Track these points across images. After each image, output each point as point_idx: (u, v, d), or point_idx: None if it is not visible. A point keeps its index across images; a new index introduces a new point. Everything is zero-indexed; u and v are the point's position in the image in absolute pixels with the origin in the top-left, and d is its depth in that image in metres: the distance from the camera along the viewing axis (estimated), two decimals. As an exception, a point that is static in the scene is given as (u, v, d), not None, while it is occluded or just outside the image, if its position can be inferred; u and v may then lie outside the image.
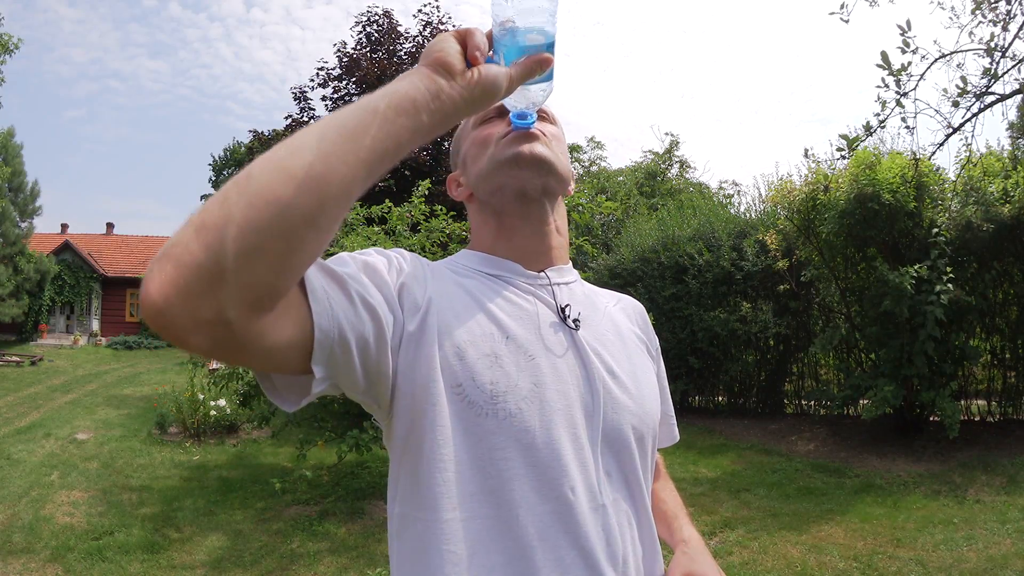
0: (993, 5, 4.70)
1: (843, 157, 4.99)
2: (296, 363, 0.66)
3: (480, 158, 0.90)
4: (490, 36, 0.73)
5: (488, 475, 0.74)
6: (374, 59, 15.56)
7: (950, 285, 5.80)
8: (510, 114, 0.87)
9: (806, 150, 5.66)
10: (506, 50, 0.73)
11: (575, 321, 0.86)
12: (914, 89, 4.62)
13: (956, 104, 4.82)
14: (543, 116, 0.92)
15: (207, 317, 0.53)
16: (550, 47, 0.74)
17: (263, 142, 15.01)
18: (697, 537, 0.98)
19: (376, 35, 16.51)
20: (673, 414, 1.06)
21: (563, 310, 0.86)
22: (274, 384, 0.71)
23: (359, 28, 16.47)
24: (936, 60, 4.74)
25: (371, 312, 0.71)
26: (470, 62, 0.69)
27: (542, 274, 0.89)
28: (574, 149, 25.51)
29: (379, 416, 0.80)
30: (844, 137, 4.85)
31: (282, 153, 0.57)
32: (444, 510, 0.73)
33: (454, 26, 16.37)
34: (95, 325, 23.03)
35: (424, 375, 0.75)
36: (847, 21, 4.98)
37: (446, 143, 15.96)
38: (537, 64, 0.73)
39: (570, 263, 0.96)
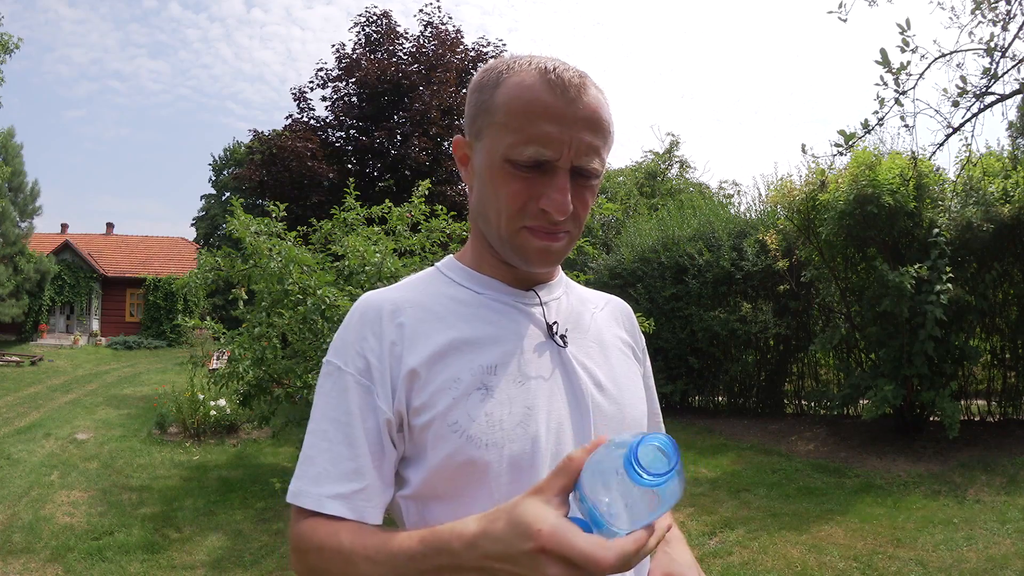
0: (993, 5, 4.70)
1: (840, 153, 4.98)
2: None
3: (491, 203, 0.81)
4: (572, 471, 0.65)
5: (494, 501, 0.75)
6: (374, 59, 15.54)
7: (950, 285, 5.80)
8: (543, 157, 0.76)
9: (803, 146, 5.63)
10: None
11: (562, 337, 0.86)
12: (913, 88, 4.62)
13: (956, 104, 4.82)
14: (591, 174, 0.81)
15: None
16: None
17: (263, 141, 15.00)
18: (678, 535, 0.98)
19: (375, 36, 16.49)
20: (659, 411, 1.07)
21: (551, 327, 0.86)
22: None
23: (358, 29, 16.46)
24: (936, 59, 4.74)
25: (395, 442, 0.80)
26: None
27: (531, 292, 0.88)
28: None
29: None
30: (842, 133, 4.84)
31: None
32: None
33: (455, 27, 16.33)
34: (95, 325, 23.03)
35: (422, 421, 0.78)
36: (845, 20, 4.97)
37: (446, 143, 15.96)
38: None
39: (560, 273, 0.94)
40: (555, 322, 0.87)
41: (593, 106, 0.78)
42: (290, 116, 16.07)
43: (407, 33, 16.62)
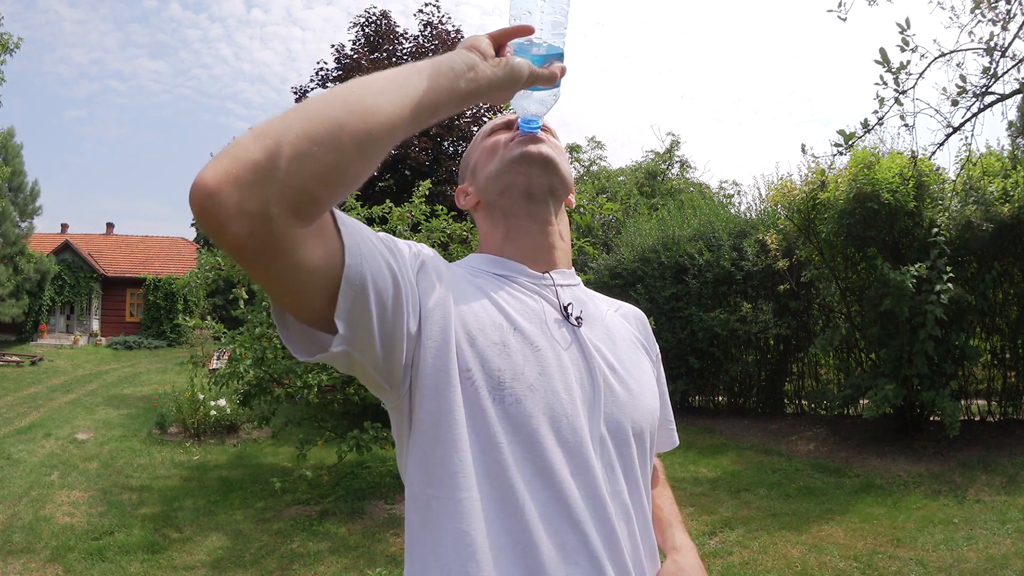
0: (993, 4, 4.70)
1: (840, 153, 4.99)
2: (320, 299, 0.68)
3: (489, 163, 0.96)
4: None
5: (495, 459, 0.76)
6: (373, 59, 15.55)
7: (950, 285, 5.80)
8: (518, 119, 0.95)
9: (803, 146, 5.65)
10: (525, 56, 0.84)
11: (577, 319, 0.89)
12: (913, 88, 4.62)
13: (956, 103, 4.82)
14: (546, 130, 0.97)
15: (251, 208, 0.59)
16: (561, 57, 0.87)
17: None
18: (689, 545, 1.00)
19: (374, 36, 16.50)
20: (672, 419, 1.09)
21: (566, 308, 0.90)
22: (289, 329, 0.74)
23: (357, 29, 16.47)
24: (936, 59, 4.74)
25: (392, 273, 0.74)
26: (498, 54, 0.81)
27: (547, 275, 0.92)
28: (574, 149, 25.52)
29: (390, 397, 0.82)
30: (841, 133, 4.85)
31: (338, 90, 0.66)
32: (458, 489, 0.75)
33: (454, 27, 16.45)
34: (95, 325, 23.02)
35: (441, 355, 0.77)
36: (844, 19, 4.97)
37: (446, 143, 15.99)
38: (560, 71, 0.85)
39: (572, 269, 1.00)
40: (570, 303, 0.91)
41: None
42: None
43: (407, 33, 16.64)
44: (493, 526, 0.75)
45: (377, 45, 16.25)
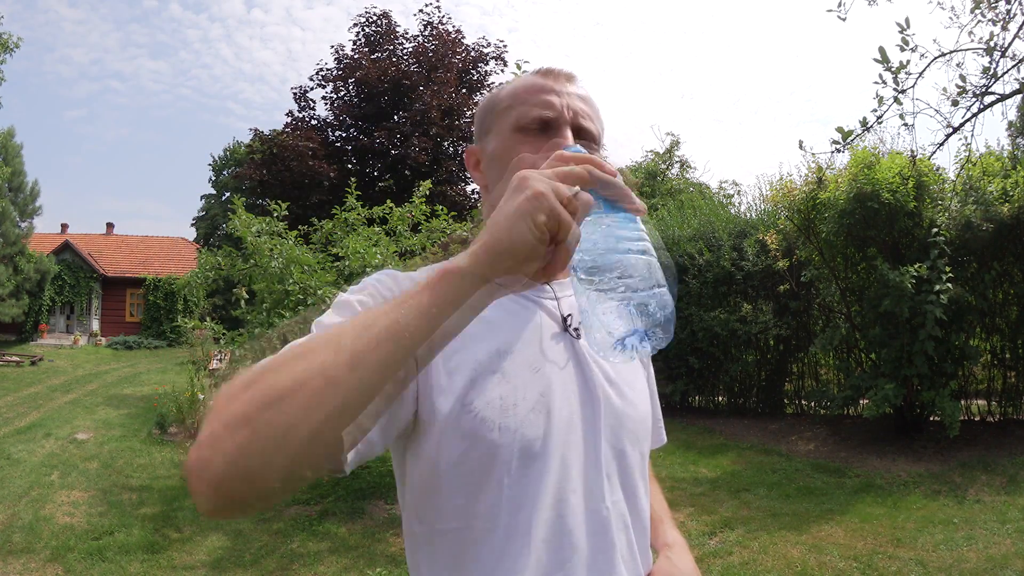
0: (993, 4, 4.70)
1: (838, 151, 4.99)
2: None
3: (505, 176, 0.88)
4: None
5: (496, 485, 0.76)
6: (374, 59, 15.53)
7: (950, 285, 5.80)
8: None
9: (800, 142, 5.65)
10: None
11: (576, 331, 0.87)
12: (912, 87, 4.62)
13: (956, 103, 4.83)
14: (590, 136, 0.87)
15: (240, 498, 0.58)
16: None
17: (264, 141, 14.99)
18: (681, 541, 1.00)
19: (375, 36, 16.47)
20: (660, 416, 1.09)
21: (566, 319, 0.88)
22: None
23: (357, 29, 16.45)
24: (935, 59, 4.74)
25: (389, 406, 0.72)
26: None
27: (545, 286, 0.90)
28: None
29: (394, 445, 0.82)
30: (840, 130, 4.85)
31: (310, 385, 0.56)
32: (464, 523, 0.76)
33: (455, 27, 16.36)
34: (95, 325, 23.03)
35: (437, 398, 0.76)
36: (844, 19, 4.97)
37: (446, 143, 15.96)
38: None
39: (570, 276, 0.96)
40: (569, 314, 0.89)
41: (583, 90, 0.90)
42: (290, 113, 16.08)
43: (407, 33, 16.62)
44: (494, 554, 0.75)
45: (377, 45, 16.23)
